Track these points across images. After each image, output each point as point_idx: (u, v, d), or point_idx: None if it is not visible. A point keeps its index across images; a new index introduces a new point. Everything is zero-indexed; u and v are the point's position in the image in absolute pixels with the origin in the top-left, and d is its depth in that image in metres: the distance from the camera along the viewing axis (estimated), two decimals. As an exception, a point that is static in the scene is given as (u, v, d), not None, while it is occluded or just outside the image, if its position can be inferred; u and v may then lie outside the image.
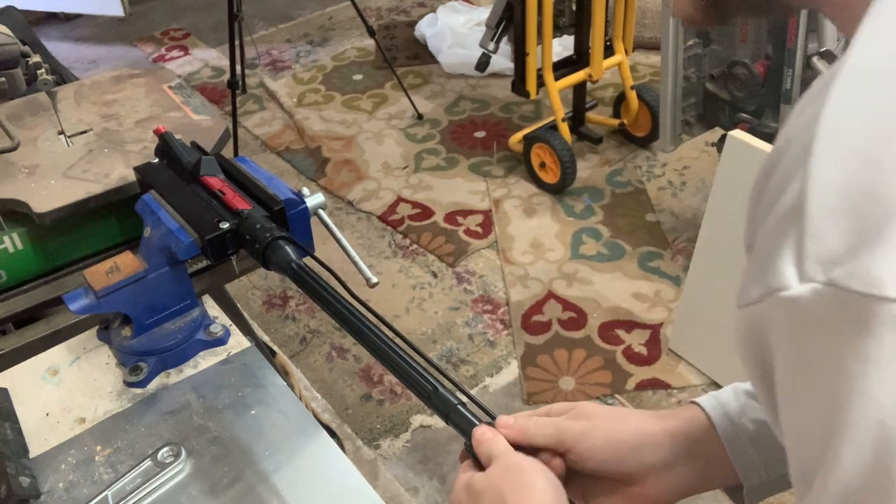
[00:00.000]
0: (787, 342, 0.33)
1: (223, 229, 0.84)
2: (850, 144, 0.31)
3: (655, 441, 0.60)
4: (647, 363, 2.09)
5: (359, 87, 3.50)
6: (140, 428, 0.86)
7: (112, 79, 1.30)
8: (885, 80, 0.32)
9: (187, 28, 4.20)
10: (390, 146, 3.08)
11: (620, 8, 2.62)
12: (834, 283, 0.30)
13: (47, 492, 0.79)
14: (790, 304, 0.31)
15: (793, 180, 0.33)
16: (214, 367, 0.94)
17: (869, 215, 0.29)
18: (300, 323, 2.34)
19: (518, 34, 2.51)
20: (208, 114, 1.20)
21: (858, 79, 0.33)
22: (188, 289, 0.95)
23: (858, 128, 0.31)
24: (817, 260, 0.31)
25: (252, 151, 3.14)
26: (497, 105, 3.27)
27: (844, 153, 0.31)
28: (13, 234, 1.01)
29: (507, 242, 2.54)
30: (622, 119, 2.91)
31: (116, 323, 0.95)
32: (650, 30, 3.42)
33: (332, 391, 2.10)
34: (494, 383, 2.08)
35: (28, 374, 0.94)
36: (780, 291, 0.32)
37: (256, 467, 0.81)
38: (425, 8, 4.10)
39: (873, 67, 0.32)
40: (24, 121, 1.17)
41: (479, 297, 2.35)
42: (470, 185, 2.83)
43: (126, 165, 1.05)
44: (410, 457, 1.92)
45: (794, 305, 0.31)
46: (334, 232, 0.92)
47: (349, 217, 2.74)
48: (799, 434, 0.34)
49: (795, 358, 0.33)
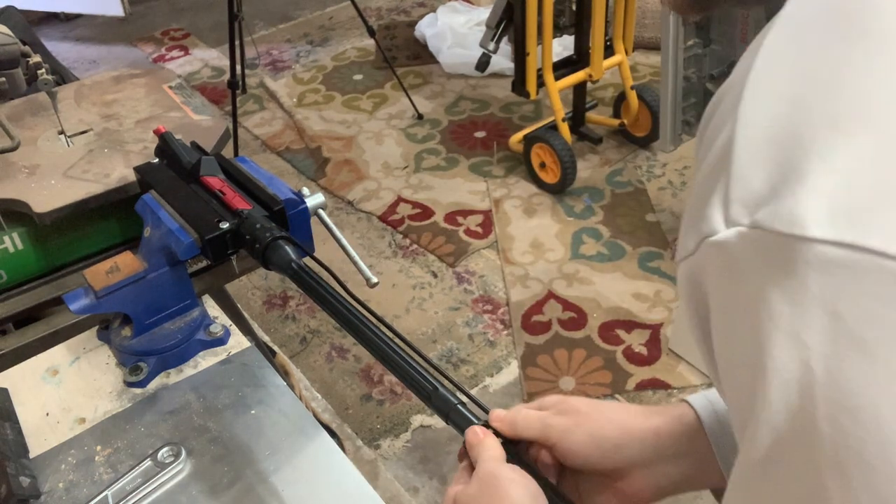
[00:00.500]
0: (718, 288, 0.32)
1: (223, 229, 0.84)
2: (777, 88, 0.31)
3: (640, 438, 0.60)
4: (647, 363, 2.09)
5: (359, 87, 3.50)
6: (140, 428, 0.86)
7: (112, 79, 1.30)
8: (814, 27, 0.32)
9: (187, 28, 4.20)
10: (390, 146, 3.08)
11: (620, 8, 2.62)
12: (758, 224, 0.29)
13: (47, 492, 0.79)
14: (719, 249, 0.31)
15: (725, 127, 0.33)
16: (214, 367, 0.94)
17: (791, 156, 0.29)
18: (300, 323, 2.34)
19: (518, 34, 2.51)
20: (208, 114, 1.20)
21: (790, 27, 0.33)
22: (188, 289, 0.95)
23: (786, 72, 0.31)
24: (742, 203, 0.30)
25: (252, 151, 3.14)
26: (497, 105, 3.27)
27: (771, 97, 0.31)
28: (13, 234, 1.01)
29: (507, 242, 2.54)
30: (622, 119, 2.91)
31: (116, 323, 0.95)
32: (650, 30, 3.42)
33: (332, 391, 2.10)
34: (494, 383, 2.08)
35: (28, 374, 0.94)
36: (709, 237, 0.32)
37: (256, 467, 0.81)
38: (425, 8, 4.10)
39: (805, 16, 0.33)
40: (24, 121, 1.17)
41: (479, 297, 2.35)
42: (470, 185, 2.83)
43: (126, 165, 1.05)
44: (410, 457, 1.92)
45: (723, 249, 0.31)
46: (334, 232, 0.92)
47: (349, 217, 2.74)
48: (733, 385, 0.34)
49: (725, 302, 0.32)
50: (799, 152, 0.29)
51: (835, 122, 0.29)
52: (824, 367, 0.28)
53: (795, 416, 0.29)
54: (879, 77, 0.29)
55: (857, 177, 0.28)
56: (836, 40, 0.30)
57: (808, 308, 0.28)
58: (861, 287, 0.27)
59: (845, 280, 0.27)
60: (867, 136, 0.28)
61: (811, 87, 0.30)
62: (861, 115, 0.28)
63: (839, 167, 0.28)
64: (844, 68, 0.30)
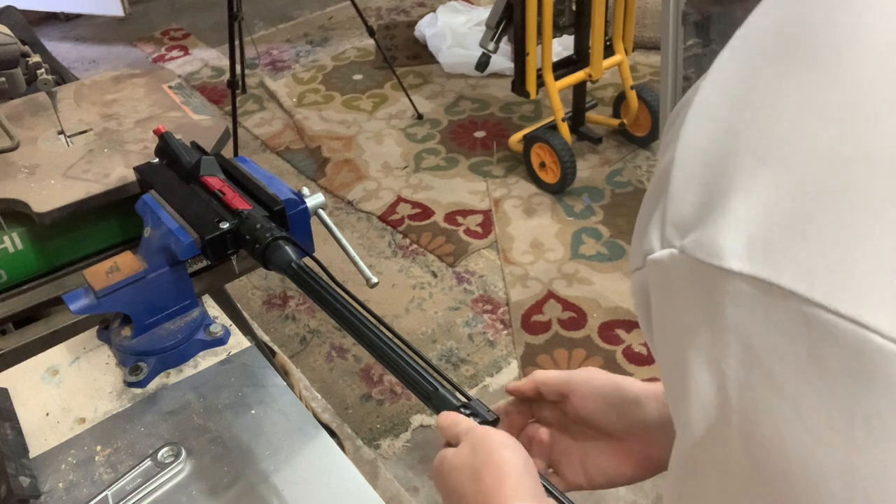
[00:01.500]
0: (656, 302, 0.34)
1: (223, 229, 0.84)
2: (715, 114, 0.31)
3: (655, 397, 0.62)
4: (648, 363, 2.09)
5: (359, 87, 3.50)
6: (140, 428, 0.86)
7: (112, 79, 1.30)
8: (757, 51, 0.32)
9: (187, 28, 4.20)
10: (390, 146, 3.08)
11: (620, 8, 2.62)
12: (684, 250, 0.30)
13: (47, 492, 0.79)
14: (656, 267, 0.32)
15: (670, 146, 0.33)
16: (214, 367, 0.94)
17: (718, 183, 0.30)
18: (300, 323, 2.34)
19: (518, 34, 2.51)
20: (208, 114, 1.20)
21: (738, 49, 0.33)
22: (188, 289, 0.95)
23: (725, 97, 0.31)
24: (674, 225, 0.31)
25: (252, 151, 3.14)
26: (497, 105, 3.27)
27: (708, 123, 0.31)
28: (13, 234, 1.01)
29: (507, 242, 2.54)
30: (622, 119, 2.91)
31: (116, 323, 0.95)
32: (650, 30, 3.42)
33: (332, 391, 2.10)
34: (494, 383, 2.08)
35: (28, 374, 0.94)
36: (649, 255, 0.33)
37: (256, 467, 0.81)
38: (425, 8, 4.10)
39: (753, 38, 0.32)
40: (24, 121, 1.17)
41: (479, 297, 2.35)
42: (470, 185, 2.83)
43: (126, 165, 1.05)
44: (410, 457, 1.92)
45: (659, 268, 0.32)
46: (334, 232, 0.92)
47: (349, 217, 2.74)
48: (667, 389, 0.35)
49: (661, 317, 0.34)
50: (725, 180, 0.29)
51: (759, 153, 0.29)
52: (738, 396, 0.29)
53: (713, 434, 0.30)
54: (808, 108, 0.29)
55: (775, 210, 0.28)
56: (774, 67, 0.30)
57: (724, 336, 0.29)
58: (772, 323, 0.28)
59: (758, 314, 0.28)
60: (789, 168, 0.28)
61: (742, 114, 0.30)
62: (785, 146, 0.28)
63: (760, 201, 0.28)
64: (776, 97, 0.29)
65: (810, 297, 0.27)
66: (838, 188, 0.27)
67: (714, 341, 0.30)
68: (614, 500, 1.75)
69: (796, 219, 0.27)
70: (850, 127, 0.27)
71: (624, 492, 1.76)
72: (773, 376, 0.28)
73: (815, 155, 0.28)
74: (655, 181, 0.34)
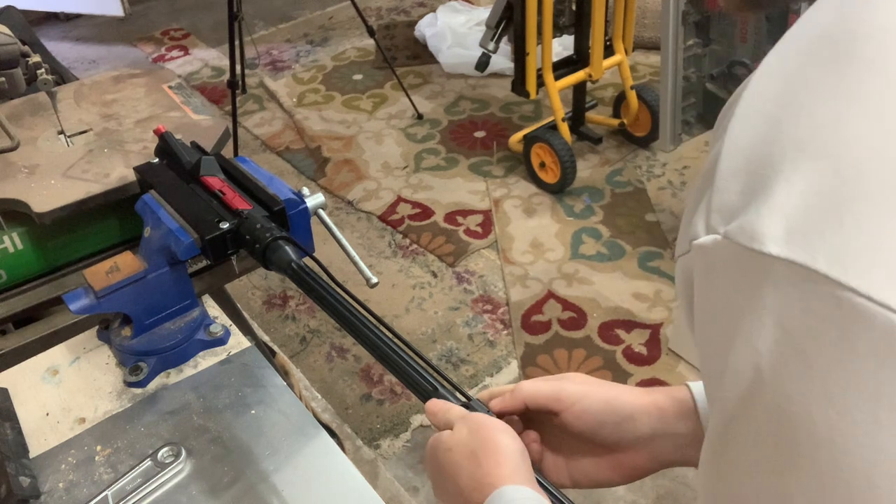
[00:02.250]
0: (699, 286, 0.35)
1: (223, 229, 0.84)
2: (763, 107, 0.33)
3: (647, 412, 0.63)
4: (647, 363, 2.09)
5: (359, 87, 3.50)
6: (140, 428, 0.86)
7: (112, 79, 1.30)
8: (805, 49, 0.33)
9: (187, 28, 4.20)
10: (390, 146, 3.08)
11: (620, 8, 2.62)
12: (727, 235, 0.32)
13: (47, 492, 0.79)
14: (701, 251, 0.34)
15: (719, 139, 0.35)
16: (214, 367, 0.94)
17: (762, 173, 0.31)
18: (300, 323, 2.34)
19: (518, 34, 2.51)
20: (208, 114, 1.20)
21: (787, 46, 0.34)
22: (188, 289, 0.95)
23: (772, 92, 0.33)
24: (719, 212, 0.33)
25: (252, 151, 3.14)
26: (497, 105, 3.27)
27: (755, 115, 0.33)
28: (13, 234, 1.01)
29: (506, 242, 2.54)
30: (622, 119, 2.91)
31: (116, 323, 0.95)
32: (650, 30, 3.42)
33: (332, 391, 2.10)
34: (494, 383, 2.08)
35: (28, 374, 0.94)
36: (694, 240, 0.34)
37: (256, 467, 0.81)
38: (425, 8, 4.10)
39: (802, 37, 0.34)
40: (24, 121, 1.17)
41: (479, 297, 2.35)
42: (470, 184, 2.83)
43: (126, 165, 1.05)
44: (410, 457, 1.92)
45: (703, 252, 0.34)
46: (334, 232, 0.92)
47: (349, 217, 2.74)
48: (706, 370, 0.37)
49: (703, 300, 0.35)
50: (769, 170, 0.31)
51: (802, 146, 0.30)
52: (771, 372, 0.31)
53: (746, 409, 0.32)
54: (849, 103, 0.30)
55: (815, 199, 0.29)
56: (820, 64, 0.32)
57: (762, 317, 0.31)
58: (806, 305, 0.29)
59: (794, 297, 0.30)
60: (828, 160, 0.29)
61: (788, 109, 0.32)
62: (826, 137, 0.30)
63: (800, 189, 0.30)
64: (819, 93, 0.31)
65: (844, 282, 0.28)
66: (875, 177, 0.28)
67: (752, 321, 0.31)
68: (614, 500, 1.75)
69: (833, 206, 0.29)
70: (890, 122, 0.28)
71: (623, 492, 1.76)
72: (806, 355, 0.29)
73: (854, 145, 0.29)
74: (703, 172, 0.36)
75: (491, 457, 0.57)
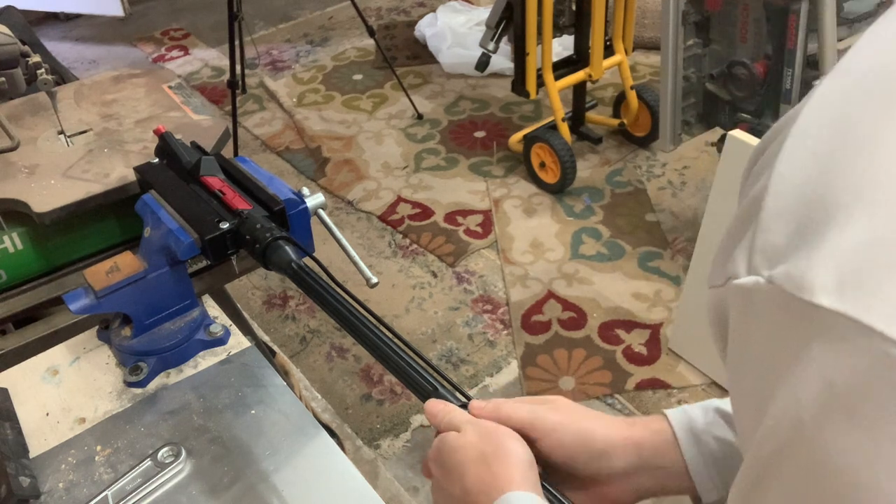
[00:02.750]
0: (737, 324, 0.34)
1: (223, 229, 0.84)
2: (814, 147, 0.31)
3: (623, 448, 0.62)
4: (647, 363, 2.09)
5: (359, 87, 3.50)
6: (140, 428, 0.86)
7: (112, 79, 1.30)
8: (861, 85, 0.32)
9: (187, 28, 4.20)
10: (390, 146, 3.08)
11: (620, 8, 2.62)
12: (772, 280, 0.31)
13: (47, 492, 0.79)
14: (740, 291, 0.33)
15: (764, 173, 0.34)
16: (214, 367, 0.94)
17: (813, 217, 0.30)
18: (300, 323, 2.34)
19: (518, 34, 2.51)
20: (208, 114, 1.20)
21: (841, 80, 0.33)
22: (188, 289, 0.95)
23: (825, 130, 0.31)
24: (763, 254, 0.31)
25: (252, 151, 3.14)
26: (497, 105, 3.27)
27: (807, 155, 0.31)
28: (13, 234, 1.01)
29: (506, 242, 2.54)
30: (622, 119, 2.91)
31: (116, 323, 0.95)
32: (650, 30, 3.42)
33: (332, 391, 2.10)
34: (494, 383, 2.08)
35: (28, 374, 0.94)
36: (734, 279, 0.33)
37: (256, 467, 0.81)
38: (425, 8, 4.10)
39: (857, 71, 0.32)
40: (24, 121, 1.17)
41: (479, 297, 2.35)
42: (470, 185, 2.83)
43: (126, 165, 1.05)
44: (410, 457, 1.92)
45: (743, 293, 0.33)
46: (334, 232, 0.92)
47: (349, 217, 2.74)
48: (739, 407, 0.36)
49: (741, 339, 0.34)
50: (821, 215, 0.29)
51: (859, 191, 0.29)
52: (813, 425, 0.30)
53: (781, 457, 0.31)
54: None
55: (871, 250, 0.28)
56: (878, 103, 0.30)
57: (807, 369, 0.30)
58: (857, 360, 0.28)
59: (843, 351, 0.28)
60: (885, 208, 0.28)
61: (844, 151, 0.30)
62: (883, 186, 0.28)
63: (855, 238, 0.28)
64: (878, 136, 0.29)
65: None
66: None
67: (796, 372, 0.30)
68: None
69: (889, 259, 0.27)
70: None
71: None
72: (854, 411, 0.28)
73: None
74: (747, 204, 0.34)
75: (501, 462, 0.56)
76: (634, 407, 1.98)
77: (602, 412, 0.64)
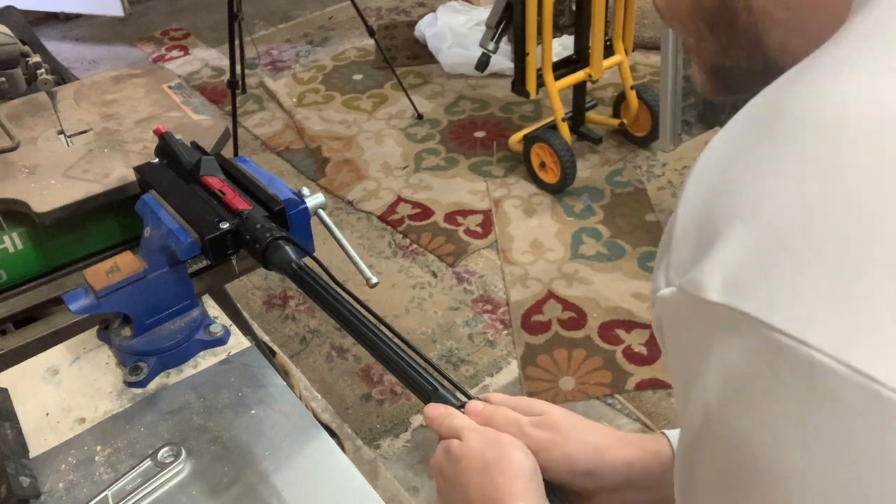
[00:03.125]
0: (667, 334, 0.40)
1: (223, 229, 0.84)
2: (709, 178, 0.38)
3: (612, 467, 0.62)
4: (647, 363, 2.09)
5: (359, 87, 3.50)
6: (140, 428, 0.86)
7: (112, 79, 1.30)
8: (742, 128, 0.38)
9: (187, 28, 4.20)
10: (390, 146, 3.08)
11: (620, 8, 2.62)
12: (681, 287, 0.37)
13: (47, 492, 0.79)
14: (663, 303, 0.38)
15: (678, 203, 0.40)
16: (214, 367, 0.94)
17: (706, 233, 0.36)
18: (300, 323, 2.34)
19: (518, 34, 2.51)
20: (208, 114, 1.20)
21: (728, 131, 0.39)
22: (188, 289, 0.95)
23: (715, 165, 0.38)
24: (676, 268, 0.38)
25: (252, 151, 3.14)
26: (497, 105, 3.28)
27: (703, 185, 0.38)
28: (13, 234, 1.01)
29: (506, 242, 2.54)
30: (622, 119, 2.91)
31: (116, 323, 0.95)
32: (650, 30, 3.42)
33: (332, 391, 2.10)
34: (494, 383, 2.08)
35: (28, 374, 0.94)
36: (657, 292, 0.39)
37: (256, 467, 0.81)
38: (425, 8, 4.10)
39: (742, 118, 0.39)
40: (24, 121, 1.17)
41: (479, 297, 2.35)
42: (470, 185, 2.83)
43: (126, 165, 1.05)
44: (410, 457, 1.92)
45: (665, 304, 0.38)
46: (334, 232, 0.92)
47: (349, 217, 2.74)
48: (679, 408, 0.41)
49: (670, 346, 0.40)
50: (712, 231, 0.36)
51: (735, 211, 0.36)
52: (717, 407, 0.35)
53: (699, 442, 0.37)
54: (772, 171, 0.35)
55: (746, 255, 0.34)
56: (751, 141, 0.37)
57: (709, 358, 0.35)
58: (742, 344, 0.33)
59: (732, 337, 0.34)
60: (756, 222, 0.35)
61: (725, 180, 0.37)
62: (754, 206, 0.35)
63: (734, 247, 0.35)
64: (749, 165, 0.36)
65: (770, 323, 0.32)
66: (793, 235, 0.33)
67: (703, 363, 0.36)
68: None
69: (761, 260, 0.34)
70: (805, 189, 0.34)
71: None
72: (744, 391, 0.34)
73: (776, 210, 0.34)
74: (665, 233, 0.41)
75: (504, 472, 0.57)
76: (634, 407, 1.98)
77: (598, 423, 0.64)
